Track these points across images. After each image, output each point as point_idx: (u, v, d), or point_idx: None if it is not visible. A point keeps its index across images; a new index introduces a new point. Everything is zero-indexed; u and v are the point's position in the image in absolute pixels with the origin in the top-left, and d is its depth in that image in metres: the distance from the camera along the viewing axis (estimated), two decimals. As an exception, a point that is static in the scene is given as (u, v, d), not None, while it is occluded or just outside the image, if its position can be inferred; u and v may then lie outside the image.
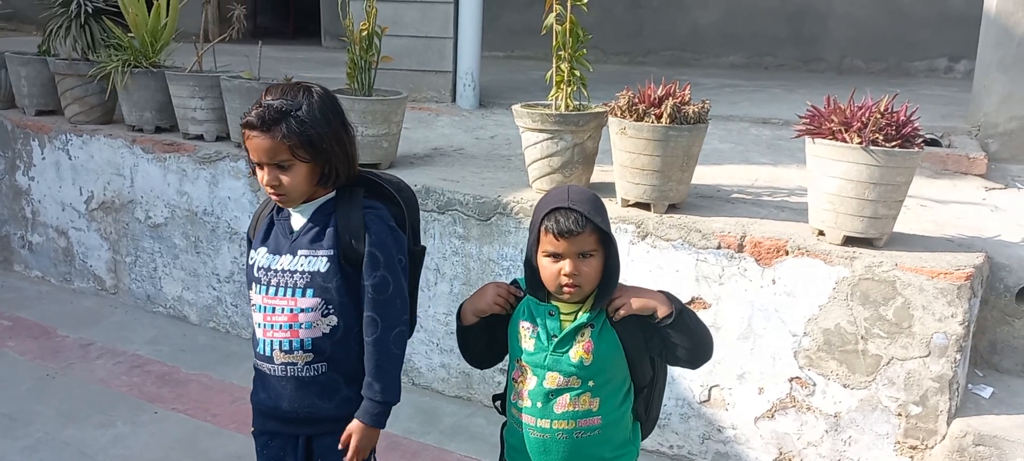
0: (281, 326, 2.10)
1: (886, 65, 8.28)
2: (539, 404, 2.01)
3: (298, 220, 2.13)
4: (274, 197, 2.08)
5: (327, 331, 2.10)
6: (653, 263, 3.39)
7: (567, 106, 3.63)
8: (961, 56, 8.01)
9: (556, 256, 1.94)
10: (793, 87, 7.01)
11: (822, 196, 3.10)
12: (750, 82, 7.42)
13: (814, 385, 3.18)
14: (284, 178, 2.03)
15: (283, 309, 2.09)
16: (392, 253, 2.10)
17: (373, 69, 4.12)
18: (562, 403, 1.99)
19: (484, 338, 2.15)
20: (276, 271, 2.11)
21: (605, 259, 1.97)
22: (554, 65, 3.60)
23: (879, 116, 2.95)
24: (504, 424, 2.20)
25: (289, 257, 2.10)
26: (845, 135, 2.98)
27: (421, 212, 3.83)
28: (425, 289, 3.94)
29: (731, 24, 8.83)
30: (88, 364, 4.25)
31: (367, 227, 2.08)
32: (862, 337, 3.06)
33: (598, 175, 3.89)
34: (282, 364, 2.12)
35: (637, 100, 3.33)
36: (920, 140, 3.03)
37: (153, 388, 4.01)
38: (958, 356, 2.96)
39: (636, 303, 1.99)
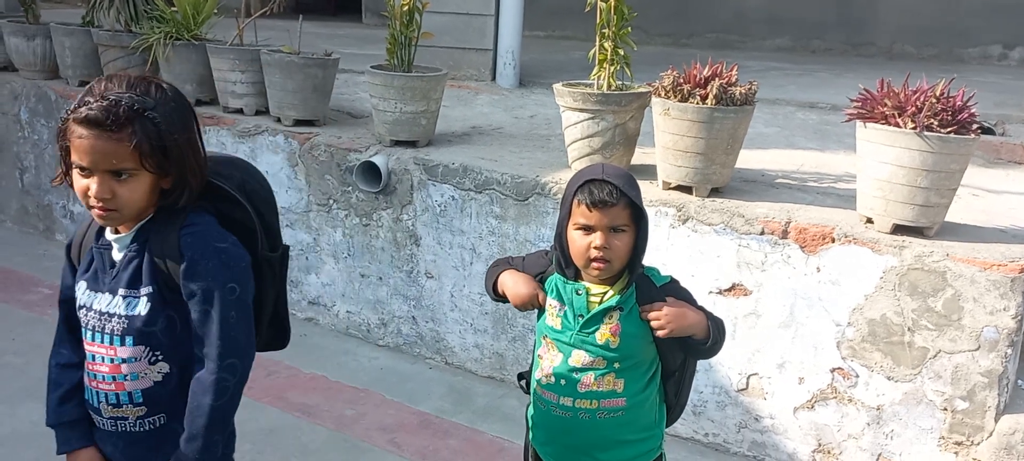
0: (104, 377, 1.76)
1: (937, 51, 8.05)
2: (563, 382, 1.99)
3: (117, 252, 1.76)
4: (99, 213, 1.67)
5: (159, 379, 1.76)
6: (694, 248, 3.32)
7: (609, 85, 3.56)
8: (1016, 43, 7.76)
9: (587, 228, 1.90)
10: (841, 71, 6.85)
11: (872, 182, 3.00)
12: (796, 65, 7.26)
13: (857, 376, 3.10)
14: (120, 191, 1.64)
15: (104, 358, 1.75)
16: (213, 282, 1.70)
17: (413, 45, 4.09)
18: (586, 382, 1.97)
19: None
20: (94, 313, 1.75)
21: (636, 237, 1.93)
22: (597, 43, 3.54)
23: (934, 101, 2.85)
24: (528, 404, 2.17)
25: (107, 297, 1.74)
26: (898, 120, 2.88)
27: (458, 190, 3.83)
28: (460, 269, 3.92)
29: (777, 6, 8.64)
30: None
31: (181, 252, 1.70)
32: (909, 328, 2.97)
33: (639, 157, 3.82)
34: (111, 419, 1.79)
35: (682, 80, 3.26)
36: (976, 127, 2.92)
37: (189, 359, 4.03)
38: (1009, 351, 2.86)
39: (677, 327, 1.94)
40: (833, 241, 3.07)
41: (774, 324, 3.22)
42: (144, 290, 1.72)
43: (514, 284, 2.06)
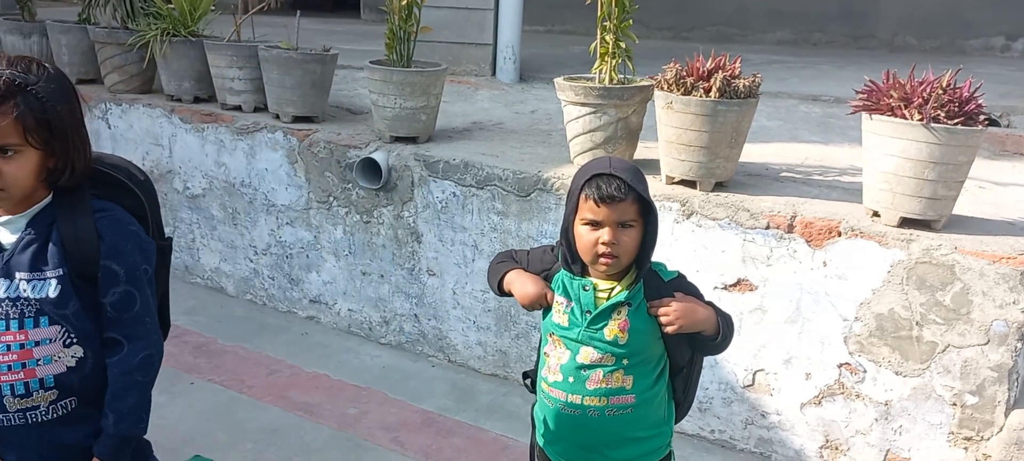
0: (11, 367, 1.69)
1: (939, 43, 8.02)
2: (571, 379, 1.96)
3: (7, 235, 1.72)
4: None
5: (73, 364, 1.75)
6: (698, 243, 3.28)
7: (611, 79, 3.52)
8: (1018, 34, 7.74)
9: (595, 224, 1.87)
10: (843, 64, 6.81)
11: (878, 175, 2.97)
12: (798, 58, 7.23)
13: (864, 372, 3.06)
14: (7, 169, 1.62)
15: (10, 346, 1.69)
16: (135, 262, 1.78)
17: (412, 40, 4.05)
18: (595, 379, 1.94)
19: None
20: None
21: (644, 233, 1.90)
22: (598, 37, 3.50)
23: (941, 92, 2.81)
24: (535, 403, 2.14)
25: (4, 282, 1.69)
26: (905, 111, 2.84)
27: (460, 186, 3.80)
28: (462, 266, 3.88)
29: (778, -1, 8.62)
30: (126, 333, 4.26)
31: (100, 235, 1.73)
32: (917, 323, 2.94)
33: (641, 151, 3.78)
34: (19, 411, 1.72)
35: (685, 73, 3.22)
36: (983, 118, 2.88)
37: (190, 358, 4.00)
38: (1019, 345, 2.82)
39: (687, 323, 1.92)
40: (839, 235, 3.03)
41: (780, 319, 3.18)
42: (52, 273, 1.70)
43: (521, 284, 2.03)
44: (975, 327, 2.85)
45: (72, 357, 1.75)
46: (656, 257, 1.97)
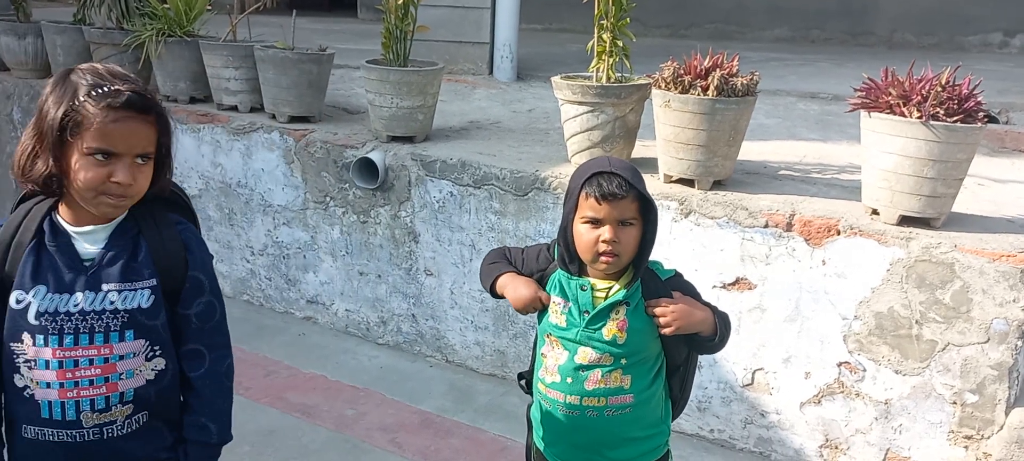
0: (93, 381, 1.67)
1: (937, 39, 8.00)
2: (569, 379, 1.95)
3: (87, 246, 1.69)
4: (112, 203, 1.64)
5: (152, 377, 1.74)
6: (697, 242, 3.27)
7: (609, 78, 3.51)
8: (1017, 30, 7.71)
9: (596, 222, 1.86)
10: (842, 61, 6.80)
11: (877, 173, 2.95)
12: (796, 56, 7.21)
13: (864, 370, 3.05)
14: (139, 176, 1.65)
15: (93, 360, 1.67)
16: (213, 273, 1.84)
17: (409, 39, 4.03)
18: (593, 379, 1.92)
19: None
20: (71, 315, 1.65)
21: (643, 231, 1.88)
22: (595, 35, 3.48)
23: (940, 89, 2.79)
24: (531, 404, 2.13)
25: (89, 295, 1.66)
26: (903, 109, 2.83)
27: (457, 186, 3.78)
28: (460, 265, 3.87)
29: (776, -4, 8.60)
30: (123, 335, 4.24)
31: (187, 248, 1.77)
32: (916, 321, 2.92)
33: (639, 150, 3.77)
34: (96, 426, 1.69)
35: (682, 72, 3.20)
36: (983, 115, 2.87)
37: (186, 360, 3.98)
38: (1019, 343, 2.81)
39: (684, 324, 1.91)
40: (838, 233, 3.02)
41: (779, 318, 3.17)
42: (144, 284, 1.70)
43: (514, 288, 2.01)
44: (975, 325, 2.84)
45: (152, 370, 1.74)
46: (655, 256, 1.96)
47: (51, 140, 1.60)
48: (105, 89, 1.59)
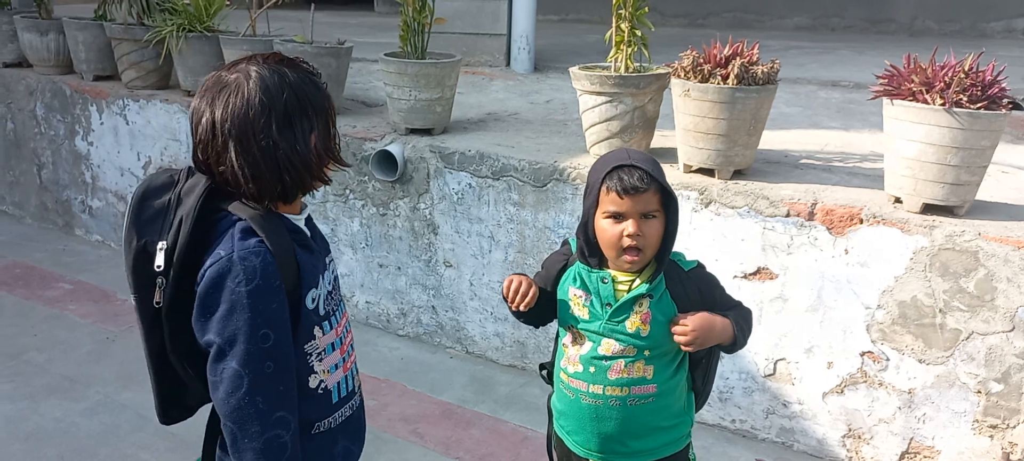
0: (353, 345, 1.79)
1: (959, 26, 7.91)
2: (592, 370, 1.95)
3: (304, 226, 1.70)
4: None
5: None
6: (717, 231, 3.25)
7: (627, 67, 3.49)
8: (1041, 16, 7.62)
9: (618, 216, 1.85)
10: (862, 49, 6.74)
11: (900, 161, 2.93)
12: (816, 44, 7.15)
13: (887, 360, 3.03)
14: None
15: (346, 325, 1.76)
16: None
17: (426, 31, 4.03)
18: (616, 369, 1.93)
19: (533, 311, 2.00)
20: (332, 297, 1.72)
21: (665, 223, 1.88)
22: (614, 25, 3.47)
23: (963, 76, 2.76)
24: (551, 394, 2.13)
25: (327, 273, 1.71)
26: (926, 96, 2.80)
27: (475, 178, 3.78)
28: (479, 257, 3.87)
29: (795, -16, 8.53)
30: (146, 328, 4.28)
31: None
32: (940, 310, 2.90)
33: (658, 140, 3.76)
34: (352, 392, 1.78)
35: (702, 60, 3.19)
36: (1007, 102, 2.83)
37: (209, 353, 4.02)
38: (1045, 332, 2.78)
39: (703, 340, 1.90)
40: (861, 222, 2.99)
41: (801, 308, 3.15)
42: (331, 257, 1.76)
43: (507, 282, 1.97)
44: (1000, 314, 2.81)
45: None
46: (675, 246, 1.95)
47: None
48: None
